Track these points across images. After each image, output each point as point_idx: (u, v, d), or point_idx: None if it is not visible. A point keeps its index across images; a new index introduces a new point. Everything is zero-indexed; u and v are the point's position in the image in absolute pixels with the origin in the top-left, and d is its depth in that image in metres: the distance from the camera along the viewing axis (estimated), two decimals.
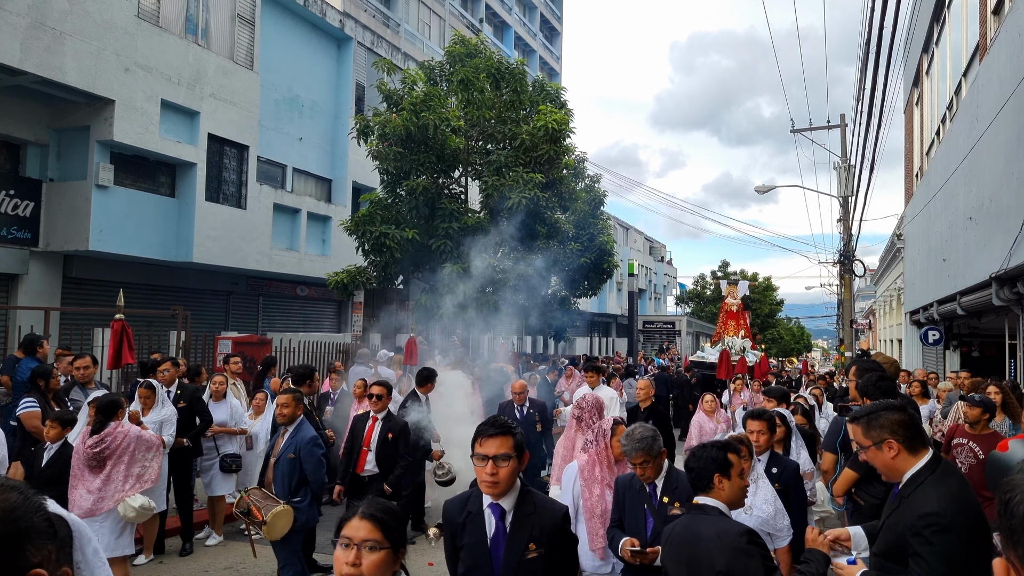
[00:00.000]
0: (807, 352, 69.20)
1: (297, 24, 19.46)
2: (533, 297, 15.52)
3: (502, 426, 2.95)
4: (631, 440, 3.87)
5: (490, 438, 2.91)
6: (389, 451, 6.46)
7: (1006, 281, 8.63)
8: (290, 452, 5.44)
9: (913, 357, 19.01)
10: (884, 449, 2.89)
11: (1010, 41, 8.31)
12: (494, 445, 2.89)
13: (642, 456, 3.85)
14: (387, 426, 6.55)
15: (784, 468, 4.67)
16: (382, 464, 6.44)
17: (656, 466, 3.90)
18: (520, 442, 2.96)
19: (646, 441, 3.86)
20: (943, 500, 2.72)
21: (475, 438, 2.94)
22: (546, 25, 40.92)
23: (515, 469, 2.92)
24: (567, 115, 16.38)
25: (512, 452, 2.90)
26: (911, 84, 17.52)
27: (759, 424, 4.73)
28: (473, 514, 3.01)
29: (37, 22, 12.33)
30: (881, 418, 2.92)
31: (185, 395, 7.54)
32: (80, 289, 14.64)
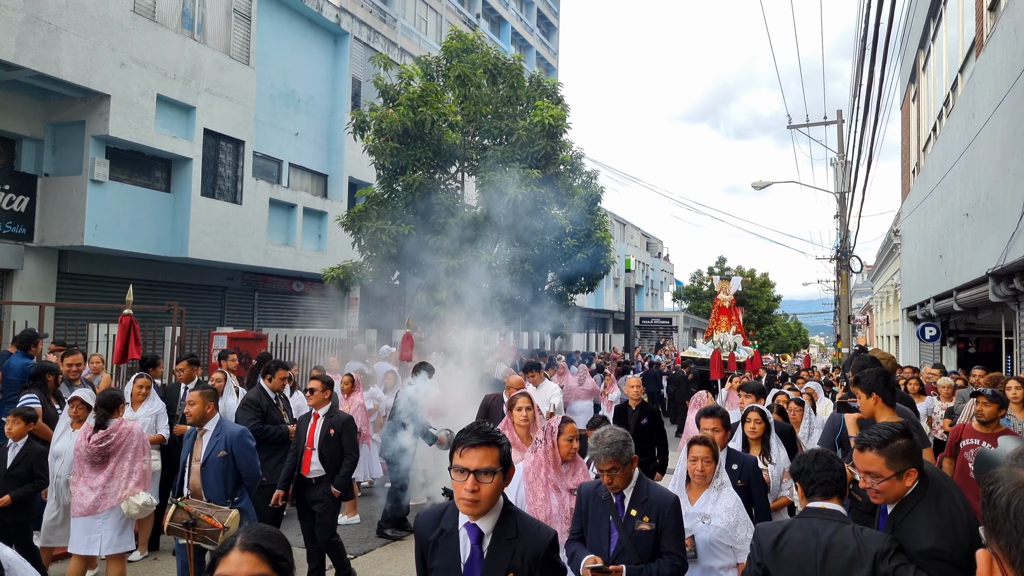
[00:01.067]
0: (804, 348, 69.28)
1: (293, 19, 19.40)
2: (529, 293, 15.52)
3: (487, 435, 2.55)
4: (600, 444, 3.53)
5: (472, 448, 2.52)
6: (333, 448, 6.03)
7: (1002, 277, 8.65)
8: (220, 450, 5.10)
9: (910, 353, 19.05)
10: (905, 478, 2.79)
11: (1006, 37, 8.31)
12: (476, 457, 2.51)
13: (611, 462, 3.50)
14: (329, 422, 6.10)
15: (743, 464, 4.60)
16: (327, 464, 6.02)
17: (625, 475, 3.55)
18: (507, 454, 2.59)
19: (616, 446, 3.51)
20: (942, 532, 2.67)
21: (454, 447, 2.58)
22: (543, 20, 40.84)
23: (499, 486, 2.55)
24: (564, 110, 16.35)
25: (497, 466, 2.53)
26: (907, 80, 17.52)
27: (713, 422, 4.63)
28: (447, 533, 2.65)
29: (33, 16, 12.28)
30: (902, 447, 2.79)
31: None
32: (75, 284, 14.60)
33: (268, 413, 6.81)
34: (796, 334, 72.23)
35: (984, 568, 1.26)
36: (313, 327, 19.73)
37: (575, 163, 17.41)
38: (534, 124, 15.42)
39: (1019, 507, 1.20)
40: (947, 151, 12.12)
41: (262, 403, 6.81)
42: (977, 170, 9.94)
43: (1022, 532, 1.18)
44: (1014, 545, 1.19)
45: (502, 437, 2.61)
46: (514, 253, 15.24)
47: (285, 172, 19.24)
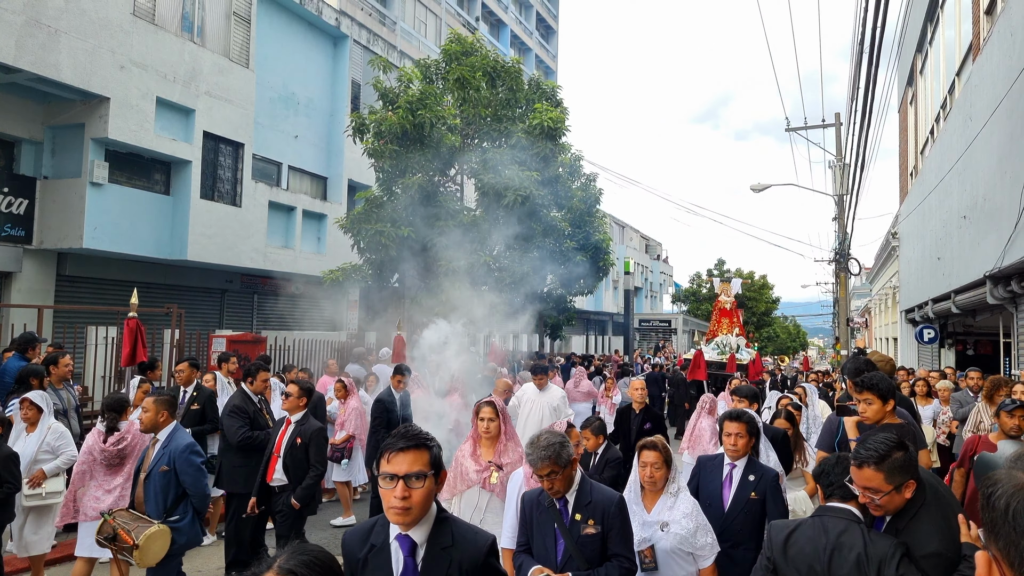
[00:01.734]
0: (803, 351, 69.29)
1: (293, 22, 19.43)
2: (529, 295, 15.54)
3: (415, 437, 2.41)
4: (535, 448, 3.39)
5: (400, 452, 2.36)
6: (297, 458, 5.75)
7: (1000, 279, 8.67)
8: (163, 464, 4.78)
9: (909, 355, 19.07)
10: (904, 491, 2.79)
11: (1003, 41, 8.33)
12: (405, 462, 2.35)
13: (548, 466, 3.36)
14: (298, 430, 5.81)
15: (762, 476, 4.28)
16: (291, 473, 5.75)
17: (565, 478, 3.41)
18: (437, 456, 2.44)
19: (552, 448, 3.36)
20: (944, 536, 2.69)
21: (381, 453, 2.41)
22: (542, 23, 40.90)
23: (430, 492, 2.39)
24: (563, 113, 16.38)
25: (428, 469, 2.37)
26: (905, 83, 17.56)
27: (738, 426, 4.34)
28: (377, 548, 2.47)
29: (32, 19, 12.29)
30: (899, 461, 2.78)
31: (200, 397, 7.49)
32: (74, 287, 14.60)
33: (255, 419, 6.71)
34: (795, 336, 72.25)
35: (983, 570, 1.27)
36: (312, 330, 19.74)
37: (574, 165, 17.46)
38: (533, 127, 15.45)
39: (1018, 509, 1.21)
40: (945, 154, 12.15)
41: (248, 409, 6.71)
42: (975, 173, 9.97)
43: (1020, 534, 1.19)
44: (1012, 546, 1.20)
45: (432, 439, 2.46)
46: (513, 255, 15.26)
47: (284, 175, 19.25)
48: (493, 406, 4.92)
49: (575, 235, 17.55)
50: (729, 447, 4.33)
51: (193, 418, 7.37)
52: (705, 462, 4.53)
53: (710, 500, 4.29)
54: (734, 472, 4.33)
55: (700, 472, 4.49)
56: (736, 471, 4.32)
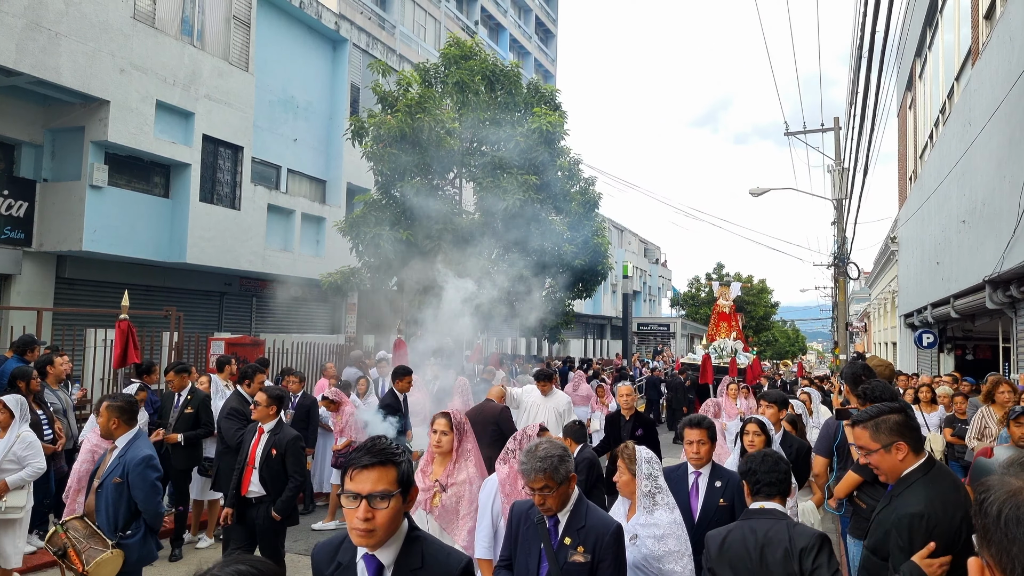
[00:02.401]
0: (802, 355, 69.33)
1: (292, 26, 19.45)
2: (527, 299, 15.52)
3: (381, 453, 2.21)
4: (531, 458, 3.08)
5: (364, 470, 2.18)
6: (274, 470, 5.47)
7: (999, 284, 8.68)
8: (116, 475, 4.44)
9: (908, 360, 19.08)
10: (893, 451, 2.90)
11: (1002, 46, 8.35)
12: (369, 479, 2.16)
13: (543, 480, 3.04)
14: (272, 440, 5.52)
15: (728, 481, 4.14)
16: (268, 485, 5.47)
17: (560, 496, 3.09)
18: (406, 473, 2.25)
19: (550, 461, 3.05)
20: (928, 502, 2.78)
21: (345, 469, 2.23)
22: (541, 27, 40.97)
23: (397, 512, 2.19)
24: (561, 117, 16.39)
25: (394, 488, 2.18)
26: (904, 88, 17.59)
27: (699, 433, 4.21)
28: (343, 566, 2.34)
29: (33, 23, 12.30)
30: (889, 421, 2.93)
31: (194, 401, 7.45)
32: (73, 289, 14.59)
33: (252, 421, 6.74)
34: (794, 340, 72.28)
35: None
36: (310, 333, 19.72)
37: (573, 169, 17.45)
38: (532, 130, 15.46)
39: (1010, 515, 1.20)
40: (944, 158, 12.17)
41: (245, 411, 6.69)
42: (974, 177, 9.99)
43: (1012, 540, 1.19)
44: (1004, 553, 1.20)
45: (400, 454, 2.26)
46: (511, 259, 15.25)
47: (283, 178, 19.26)
48: (448, 418, 4.50)
49: (574, 238, 17.53)
50: (692, 455, 4.19)
51: (187, 422, 7.31)
52: (669, 473, 4.26)
53: None
54: (700, 480, 4.20)
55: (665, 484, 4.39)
56: (702, 479, 4.19)
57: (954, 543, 2.72)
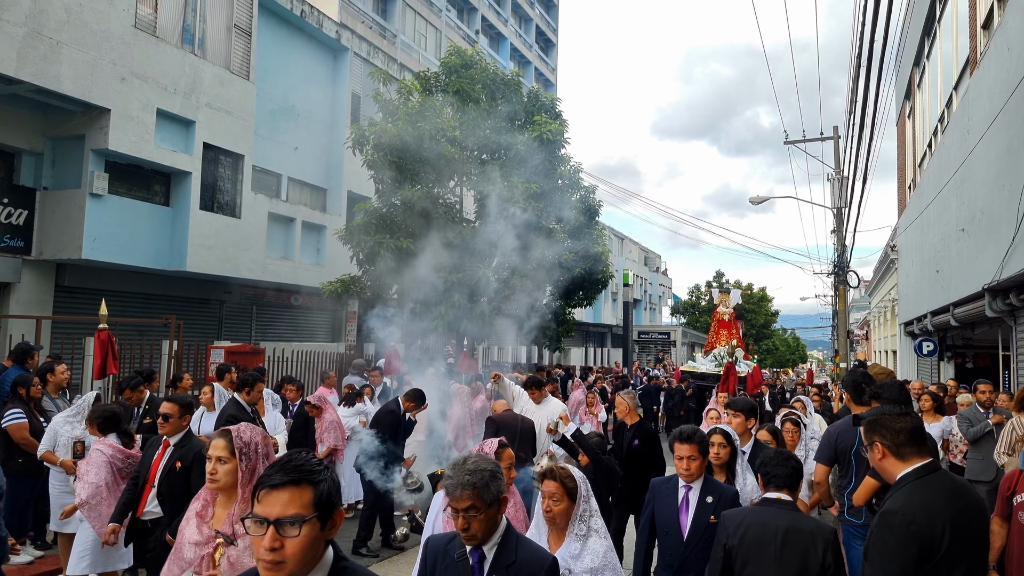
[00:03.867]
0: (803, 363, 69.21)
1: (293, 34, 19.52)
2: (527, 307, 15.51)
3: (295, 470, 1.86)
4: (458, 471, 2.67)
5: (274, 490, 1.84)
6: (176, 486, 4.80)
7: (999, 292, 8.67)
8: None
9: (908, 368, 19.05)
10: (874, 451, 3.02)
11: (999, 55, 8.38)
12: (279, 501, 1.82)
13: (469, 498, 2.61)
14: (178, 452, 4.93)
15: (720, 496, 3.97)
16: (167, 504, 4.82)
17: (488, 521, 2.64)
18: (325, 494, 1.88)
19: (481, 476, 2.64)
20: (908, 503, 2.78)
21: (256, 489, 1.89)
22: (541, 36, 41.12)
23: (313, 540, 1.83)
24: (562, 125, 16.43)
25: (308, 512, 1.83)
26: (903, 97, 17.63)
27: (689, 448, 3.97)
28: None
29: (34, 31, 12.35)
30: (876, 423, 3.04)
31: (152, 410, 7.04)
32: (72, 298, 14.59)
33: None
34: (794, 349, 72.18)
35: None
36: (311, 341, 19.71)
37: (573, 178, 17.48)
38: (532, 139, 15.49)
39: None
40: (943, 167, 12.19)
41: (243, 418, 6.68)
42: (973, 186, 10.00)
43: None
44: None
45: (320, 471, 1.90)
46: (512, 267, 15.25)
47: (284, 186, 19.28)
48: (228, 439, 3.43)
49: (574, 247, 17.53)
50: (682, 471, 4.01)
51: (149, 431, 6.90)
52: (658, 486, 4.18)
53: (667, 528, 4.03)
54: (690, 495, 4.05)
55: (654, 497, 4.17)
56: (692, 494, 4.04)
57: (933, 548, 2.68)
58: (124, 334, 12.76)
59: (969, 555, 2.73)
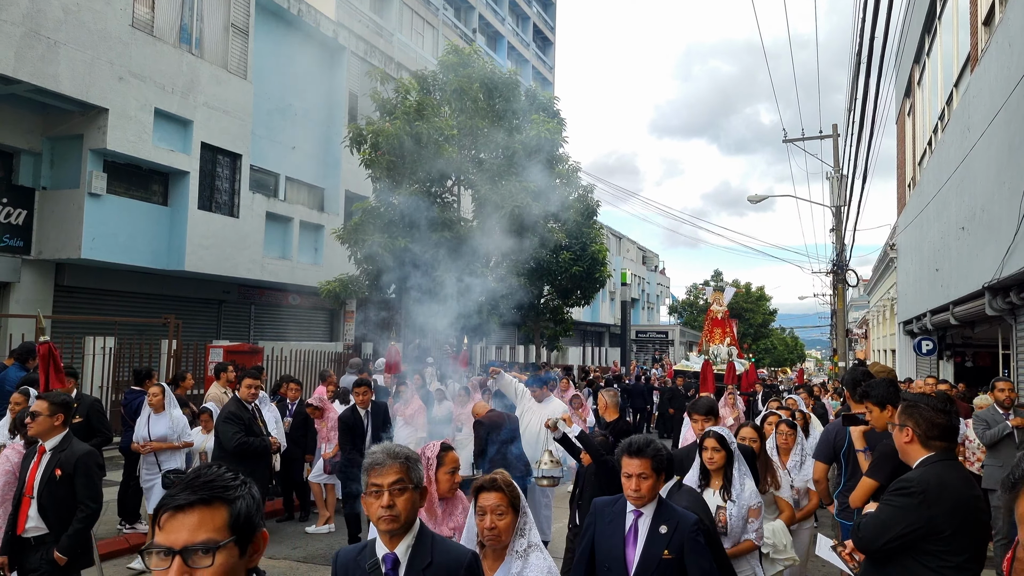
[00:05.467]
0: (801, 362, 69.30)
1: (291, 34, 19.48)
2: (525, 306, 15.50)
3: (205, 487, 1.55)
4: (389, 447, 2.58)
5: (180, 513, 1.51)
6: (59, 496, 4.30)
7: (999, 291, 8.66)
8: None
9: (907, 367, 19.06)
10: (903, 433, 3.10)
11: (1000, 52, 8.37)
12: (186, 526, 1.50)
13: (395, 472, 2.46)
14: (57, 459, 4.37)
15: (677, 526, 3.18)
16: (50, 518, 4.31)
17: (411, 504, 2.47)
18: (242, 514, 1.56)
19: (406, 452, 2.54)
20: (924, 476, 2.92)
21: (156, 514, 1.55)
22: (539, 35, 41.10)
23: (231, 569, 1.53)
24: (560, 124, 16.42)
25: (222, 537, 1.52)
26: (903, 94, 17.63)
27: (640, 464, 3.19)
28: None
29: (31, 31, 12.30)
30: (916, 409, 3.11)
31: (81, 408, 6.56)
32: (72, 297, 14.56)
33: (250, 426, 6.68)
34: (792, 348, 72.28)
35: None
36: (309, 340, 19.68)
37: (571, 177, 17.48)
38: (530, 138, 15.48)
39: None
40: (943, 165, 12.18)
41: (243, 416, 6.69)
42: (973, 184, 9.99)
43: None
44: None
45: (235, 487, 1.59)
46: (510, 266, 15.25)
47: (282, 185, 19.25)
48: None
49: (572, 246, 17.55)
50: (630, 492, 3.19)
51: (79, 432, 6.24)
52: (601, 508, 3.38)
53: (608, 562, 3.21)
54: (640, 523, 3.22)
55: (595, 522, 3.35)
56: (643, 521, 3.21)
57: (939, 526, 2.79)
58: (123, 334, 12.73)
59: (972, 545, 2.85)
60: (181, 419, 7.33)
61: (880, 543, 2.93)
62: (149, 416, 7.14)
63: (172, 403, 7.31)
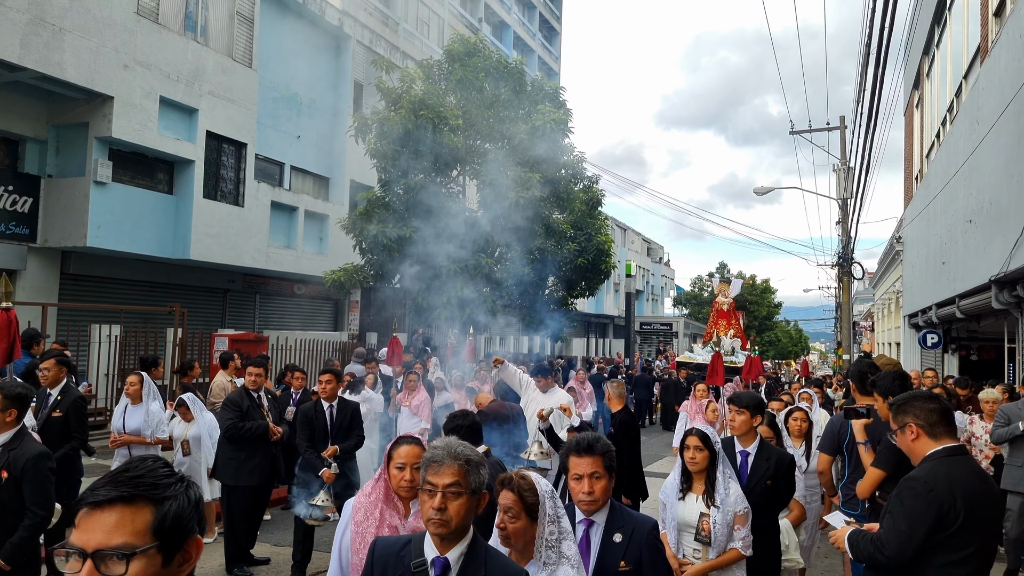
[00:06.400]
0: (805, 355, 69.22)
1: (296, 22, 19.42)
2: (530, 297, 15.48)
3: (130, 483, 1.37)
4: (448, 443, 2.42)
5: (97, 510, 1.34)
6: (5, 500, 3.93)
7: (1005, 284, 8.62)
8: None
9: (911, 360, 19.01)
10: (906, 432, 3.06)
11: (1011, 43, 8.30)
12: (103, 525, 1.32)
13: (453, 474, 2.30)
14: (3, 458, 3.97)
15: (633, 533, 2.87)
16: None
17: (465, 510, 2.32)
18: (170, 516, 1.37)
19: (473, 454, 2.39)
20: (932, 473, 2.89)
21: (74, 509, 1.41)
22: (545, 25, 40.91)
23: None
24: (565, 115, 16.36)
25: (142, 542, 1.33)
26: (911, 86, 17.51)
27: (590, 462, 2.84)
28: None
29: (37, 18, 12.29)
30: (907, 404, 3.10)
31: (65, 403, 6.06)
32: (77, 285, 14.61)
33: (248, 412, 6.63)
34: (797, 340, 72.20)
35: None
36: (314, 330, 19.72)
37: (576, 167, 17.43)
38: (536, 128, 15.43)
39: None
40: (951, 157, 12.11)
41: (243, 403, 6.67)
42: (981, 176, 9.93)
43: None
44: None
45: (166, 485, 1.40)
46: (514, 256, 15.24)
47: (287, 175, 19.24)
48: None
49: (577, 237, 17.49)
50: (582, 495, 2.86)
51: (54, 428, 5.95)
52: None
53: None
54: (592, 532, 2.90)
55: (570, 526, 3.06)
56: (595, 531, 2.90)
57: (948, 519, 2.79)
58: (129, 322, 12.77)
59: (981, 538, 2.85)
60: (158, 413, 6.98)
61: (910, 552, 2.85)
62: (126, 407, 6.82)
63: (152, 395, 6.96)
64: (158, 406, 7.01)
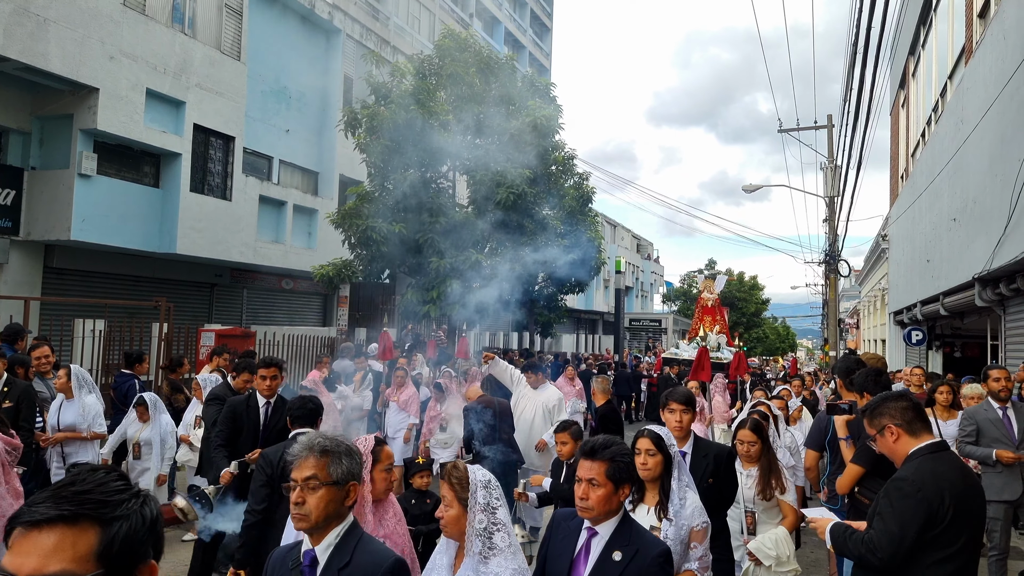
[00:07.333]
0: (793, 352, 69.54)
1: (285, 15, 19.31)
2: (519, 292, 15.49)
3: (74, 499, 1.22)
4: (312, 437, 2.48)
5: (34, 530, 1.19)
6: None
7: (989, 282, 8.71)
8: None
9: (896, 357, 19.16)
10: (886, 435, 3.05)
11: (995, 44, 8.36)
12: (39, 549, 1.17)
13: (311, 467, 2.37)
14: None
15: (636, 553, 2.65)
16: None
17: (325, 503, 2.33)
18: (119, 538, 1.23)
19: (336, 446, 2.41)
20: (918, 472, 2.90)
21: (8, 527, 1.24)
22: (536, 21, 40.84)
23: None
24: (556, 111, 16.36)
25: (84, 568, 1.19)
26: (897, 86, 17.62)
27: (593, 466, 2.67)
28: None
29: (21, 8, 12.16)
30: (880, 407, 3.09)
31: (13, 393, 5.87)
32: (61, 279, 14.48)
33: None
34: (784, 337, 72.53)
35: None
36: (302, 325, 19.65)
37: (567, 164, 17.43)
38: (526, 124, 15.42)
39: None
40: (936, 156, 12.20)
41: (225, 396, 6.67)
42: (965, 175, 10.01)
43: None
44: None
45: (117, 503, 1.25)
46: (504, 252, 15.23)
47: (275, 169, 19.15)
48: None
49: (567, 233, 17.50)
50: (577, 500, 2.68)
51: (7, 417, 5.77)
52: (559, 521, 2.89)
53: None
54: (593, 542, 2.70)
55: (550, 536, 2.90)
56: (597, 541, 2.69)
57: (938, 517, 2.81)
58: (114, 316, 12.68)
59: (968, 531, 2.88)
60: (94, 406, 6.67)
61: (902, 553, 2.85)
62: (61, 403, 6.51)
63: (87, 387, 6.65)
64: (94, 399, 6.68)
